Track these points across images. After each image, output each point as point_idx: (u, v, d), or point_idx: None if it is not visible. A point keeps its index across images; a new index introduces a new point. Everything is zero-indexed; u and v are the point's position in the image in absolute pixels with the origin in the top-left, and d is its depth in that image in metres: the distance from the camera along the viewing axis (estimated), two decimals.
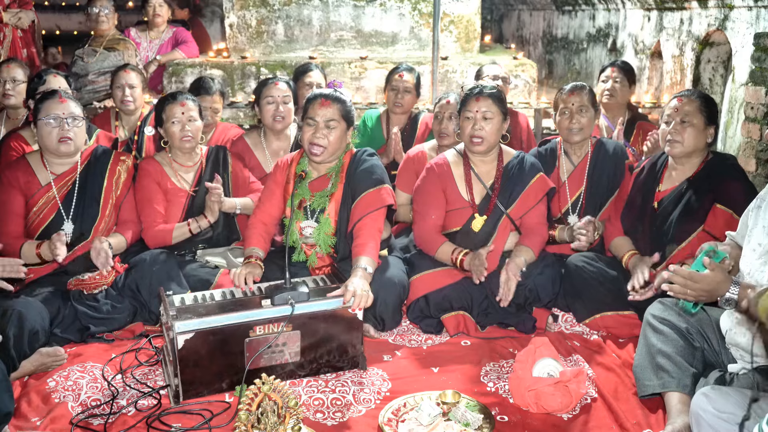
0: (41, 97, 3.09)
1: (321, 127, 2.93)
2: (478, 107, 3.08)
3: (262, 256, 2.99)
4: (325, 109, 2.93)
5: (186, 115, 3.23)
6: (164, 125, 3.27)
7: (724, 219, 2.80)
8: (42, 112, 2.99)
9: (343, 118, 2.97)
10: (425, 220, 3.19)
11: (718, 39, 4.53)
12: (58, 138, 2.98)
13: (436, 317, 3.07)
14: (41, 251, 2.92)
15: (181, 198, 3.30)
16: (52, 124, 2.97)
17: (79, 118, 3.05)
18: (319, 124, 2.93)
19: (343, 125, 2.97)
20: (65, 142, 3.00)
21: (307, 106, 3.00)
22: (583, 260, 3.12)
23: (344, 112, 2.98)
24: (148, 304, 2.99)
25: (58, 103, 3.00)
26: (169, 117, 3.24)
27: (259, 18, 5.66)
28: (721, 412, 1.92)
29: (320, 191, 3.04)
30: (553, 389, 2.41)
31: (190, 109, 3.26)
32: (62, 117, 2.98)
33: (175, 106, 3.24)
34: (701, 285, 2.08)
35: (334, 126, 2.94)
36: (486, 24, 8.63)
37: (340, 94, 3.01)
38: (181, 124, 3.23)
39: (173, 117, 3.23)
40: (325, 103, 2.94)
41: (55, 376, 2.61)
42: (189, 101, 3.28)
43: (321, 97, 2.96)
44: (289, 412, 1.98)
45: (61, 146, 3.00)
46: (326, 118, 2.93)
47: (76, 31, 8.82)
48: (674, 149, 2.92)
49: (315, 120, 2.94)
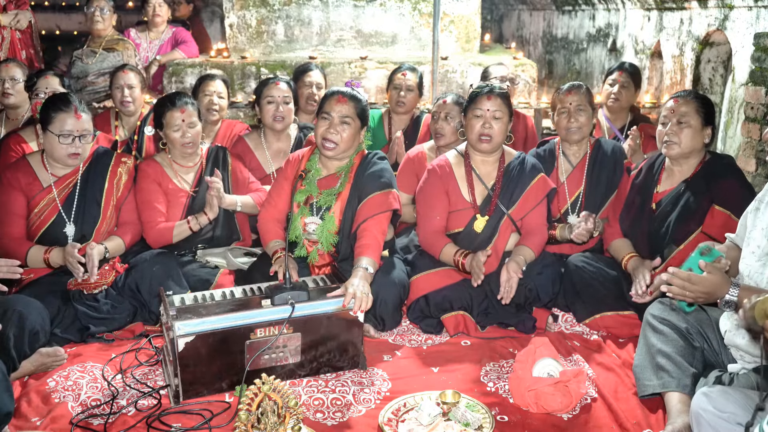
0: (55, 105, 2.98)
1: (336, 123, 2.94)
2: (489, 106, 3.08)
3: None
4: (341, 106, 2.94)
5: (186, 121, 3.22)
6: (164, 130, 3.26)
7: (722, 220, 2.80)
8: (55, 125, 2.94)
9: (358, 116, 2.98)
10: (429, 222, 3.18)
11: (718, 39, 4.53)
12: (68, 153, 2.98)
13: (436, 317, 3.07)
14: (51, 257, 2.93)
15: (181, 198, 3.30)
16: (65, 140, 2.95)
17: (89, 133, 3.04)
18: (334, 120, 2.94)
19: (357, 123, 2.98)
20: (74, 157, 3.00)
21: (323, 101, 3.01)
22: (583, 260, 3.12)
23: (359, 110, 2.98)
24: (148, 304, 3.00)
25: (73, 119, 2.95)
26: (169, 123, 3.23)
27: (259, 18, 5.66)
28: (722, 411, 1.92)
29: (328, 189, 3.04)
30: (553, 389, 2.41)
31: (191, 115, 3.24)
32: (75, 134, 2.96)
33: (174, 113, 3.22)
34: (700, 287, 2.08)
35: (348, 123, 2.95)
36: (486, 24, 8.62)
37: (357, 93, 3.02)
38: (182, 131, 3.22)
39: (174, 124, 3.22)
40: (341, 99, 2.95)
41: (55, 376, 2.61)
42: (188, 106, 3.25)
43: (338, 94, 2.98)
44: (289, 412, 1.98)
45: (69, 160, 3.01)
46: (341, 115, 2.94)
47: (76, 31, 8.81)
48: (671, 150, 2.92)
49: (330, 115, 2.94)
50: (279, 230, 3.06)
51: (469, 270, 3.00)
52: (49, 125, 2.96)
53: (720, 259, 2.18)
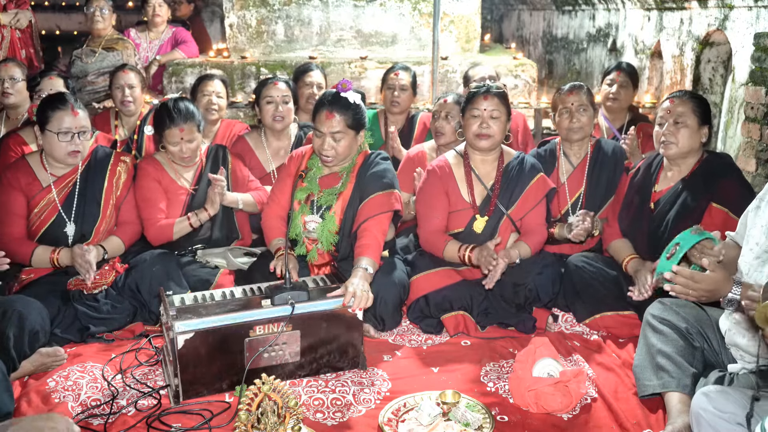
0: (52, 104, 2.99)
1: (328, 139, 2.92)
2: (486, 106, 3.08)
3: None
4: (330, 122, 2.90)
5: (186, 138, 3.20)
6: (163, 141, 3.24)
7: (720, 218, 2.80)
8: (53, 124, 2.94)
9: (350, 127, 2.93)
10: (430, 222, 3.18)
11: (718, 39, 4.53)
12: (68, 152, 2.98)
13: (436, 317, 3.07)
14: (60, 257, 2.94)
15: (181, 196, 3.30)
16: (64, 138, 2.95)
17: (88, 129, 3.04)
18: (326, 136, 2.92)
19: (351, 133, 2.95)
20: (74, 155, 3.00)
21: (314, 113, 2.99)
22: (583, 260, 3.12)
23: (350, 121, 2.92)
24: (148, 304, 2.99)
25: (70, 116, 2.96)
26: (168, 140, 3.20)
27: (259, 18, 5.66)
28: (722, 411, 1.92)
29: (329, 188, 3.04)
30: (553, 389, 2.41)
31: (190, 132, 3.20)
32: (74, 131, 2.96)
33: (173, 131, 3.18)
34: (703, 285, 2.08)
35: (340, 138, 2.92)
36: (486, 24, 8.62)
37: (346, 101, 2.92)
38: (180, 147, 3.21)
39: (173, 141, 3.20)
40: (329, 116, 2.90)
41: (55, 376, 2.61)
42: (188, 123, 3.19)
43: (326, 110, 2.91)
44: (289, 412, 1.98)
45: (69, 158, 3.00)
46: (332, 130, 2.91)
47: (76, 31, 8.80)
48: (669, 150, 2.92)
49: (321, 131, 2.93)
50: (283, 227, 3.05)
51: (477, 263, 2.97)
52: (47, 125, 2.95)
53: (711, 243, 2.18)
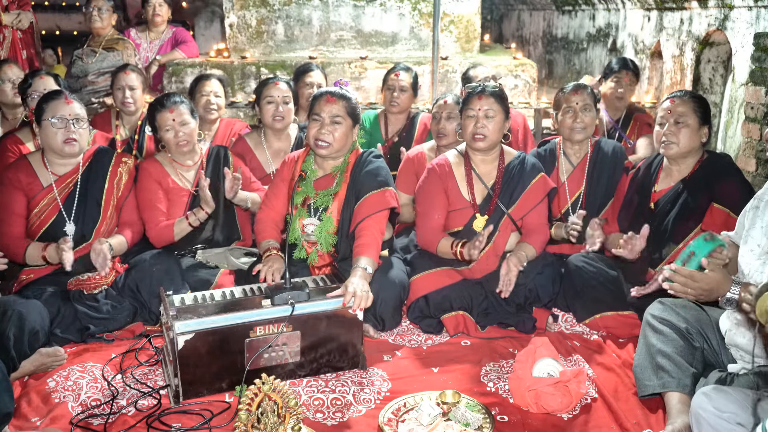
0: (45, 97, 3.06)
1: (326, 123, 2.94)
2: (480, 105, 3.09)
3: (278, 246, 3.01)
4: (330, 106, 2.95)
5: (178, 120, 3.21)
6: (159, 133, 3.26)
7: (721, 218, 2.81)
8: (47, 113, 2.98)
9: (349, 115, 2.98)
10: (428, 220, 3.18)
11: (718, 39, 4.53)
12: (64, 139, 2.98)
13: (436, 317, 3.07)
14: (47, 254, 2.92)
15: (182, 197, 3.30)
16: (58, 125, 2.96)
17: (84, 119, 3.05)
18: (325, 120, 2.94)
19: (348, 122, 2.98)
20: (70, 143, 3.00)
21: (313, 102, 3.02)
22: (583, 260, 3.12)
23: (350, 109, 2.99)
24: (148, 304, 2.99)
25: (63, 104, 2.99)
26: (161, 125, 3.22)
27: (259, 18, 5.66)
28: (722, 411, 1.92)
29: (324, 190, 3.05)
30: (553, 389, 2.41)
31: (181, 114, 3.22)
32: (68, 118, 2.97)
33: (164, 114, 3.21)
34: (702, 284, 2.08)
35: (339, 122, 2.95)
36: (486, 24, 8.63)
37: (346, 92, 3.03)
38: (174, 130, 3.21)
39: (165, 125, 3.21)
40: (330, 99, 2.96)
41: (55, 376, 2.61)
42: (178, 105, 3.23)
43: (327, 94, 2.98)
44: (289, 412, 1.98)
45: (66, 147, 3.00)
46: (332, 114, 2.94)
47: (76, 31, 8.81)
48: (670, 150, 2.92)
49: (320, 116, 2.95)
50: (274, 231, 3.08)
51: (468, 257, 2.98)
52: (43, 115, 2.98)
53: (722, 249, 2.18)
